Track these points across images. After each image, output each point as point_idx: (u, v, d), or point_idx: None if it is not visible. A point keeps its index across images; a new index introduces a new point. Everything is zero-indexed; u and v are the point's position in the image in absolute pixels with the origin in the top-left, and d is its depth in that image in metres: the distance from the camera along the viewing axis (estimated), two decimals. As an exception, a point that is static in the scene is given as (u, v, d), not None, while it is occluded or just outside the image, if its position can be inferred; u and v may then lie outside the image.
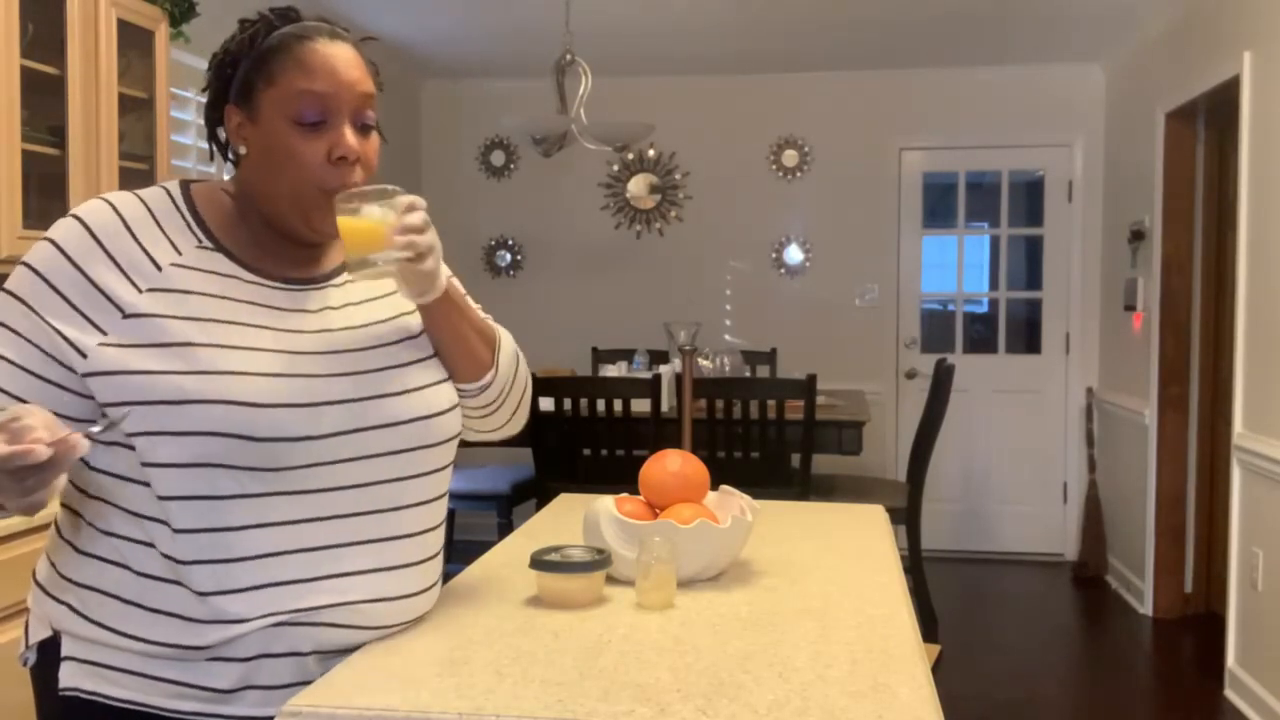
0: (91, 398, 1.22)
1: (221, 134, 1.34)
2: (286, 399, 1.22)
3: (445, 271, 1.35)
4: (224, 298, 1.26)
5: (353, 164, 1.29)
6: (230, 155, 1.35)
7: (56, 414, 1.16)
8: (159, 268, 1.25)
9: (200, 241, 1.29)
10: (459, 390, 1.40)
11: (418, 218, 1.27)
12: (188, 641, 1.23)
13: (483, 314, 1.48)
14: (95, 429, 1.12)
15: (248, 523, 1.22)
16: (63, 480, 1.07)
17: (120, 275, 1.23)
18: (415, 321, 1.39)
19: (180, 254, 1.27)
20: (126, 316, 1.22)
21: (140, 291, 1.23)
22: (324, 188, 1.27)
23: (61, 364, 1.21)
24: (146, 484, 1.22)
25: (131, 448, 1.22)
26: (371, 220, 1.25)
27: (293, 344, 1.27)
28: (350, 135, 1.28)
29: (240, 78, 1.29)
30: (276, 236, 1.33)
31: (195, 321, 1.23)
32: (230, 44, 1.31)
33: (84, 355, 1.20)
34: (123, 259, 1.24)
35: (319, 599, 1.24)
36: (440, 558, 1.40)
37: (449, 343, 1.38)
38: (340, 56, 1.28)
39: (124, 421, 1.18)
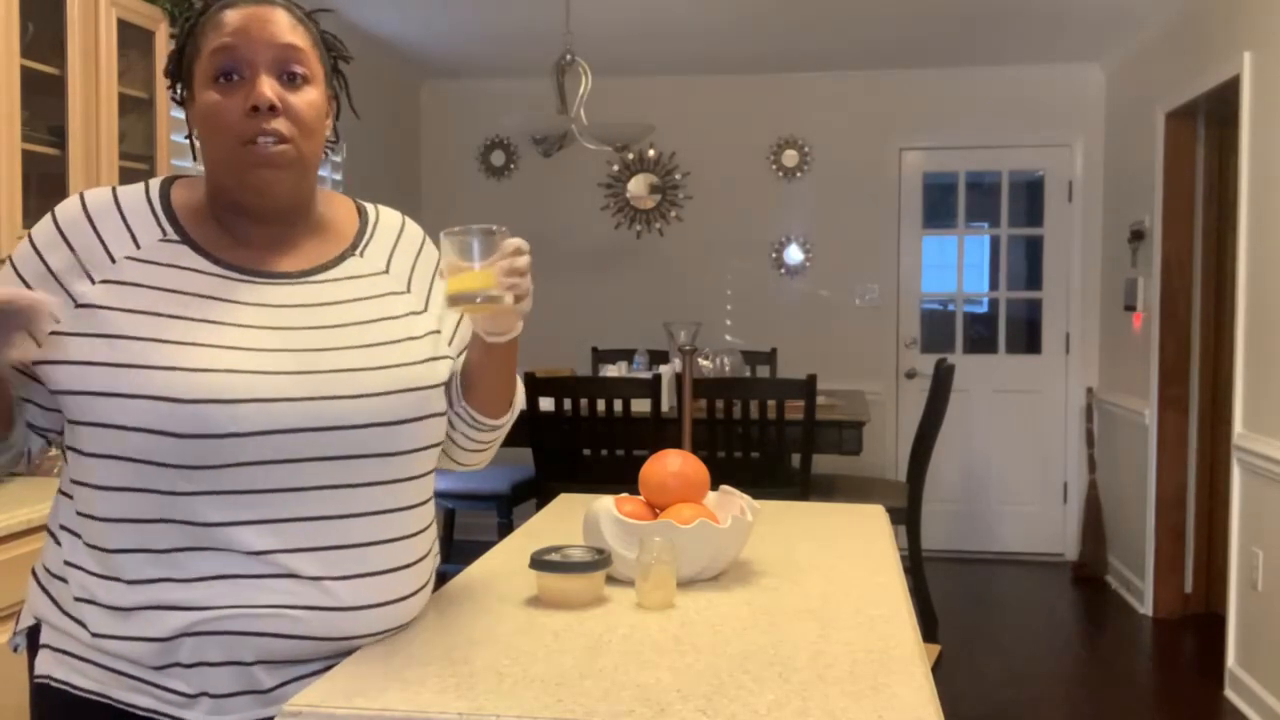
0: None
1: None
2: (208, 394, 1.18)
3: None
4: (175, 291, 1.24)
5: (271, 113, 1.24)
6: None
7: (21, 399, 1.25)
8: (113, 260, 1.25)
9: (165, 234, 1.28)
10: (482, 425, 1.43)
11: (523, 261, 1.29)
12: (122, 632, 1.22)
13: None
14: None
15: (173, 517, 1.20)
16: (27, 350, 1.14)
17: (77, 265, 1.25)
18: (401, 328, 1.34)
19: (139, 247, 1.26)
20: (78, 306, 1.23)
21: (94, 283, 1.24)
22: (242, 139, 1.24)
23: None
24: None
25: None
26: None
27: (237, 339, 1.23)
28: (266, 84, 1.24)
29: (183, 63, 1.31)
30: (243, 221, 1.30)
31: (137, 315, 1.22)
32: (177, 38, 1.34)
33: (38, 343, 1.21)
34: (81, 250, 1.25)
35: (256, 598, 1.20)
36: (413, 571, 1.32)
37: (496, 381, 1.41)
38: (256, 13, 1.26)
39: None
